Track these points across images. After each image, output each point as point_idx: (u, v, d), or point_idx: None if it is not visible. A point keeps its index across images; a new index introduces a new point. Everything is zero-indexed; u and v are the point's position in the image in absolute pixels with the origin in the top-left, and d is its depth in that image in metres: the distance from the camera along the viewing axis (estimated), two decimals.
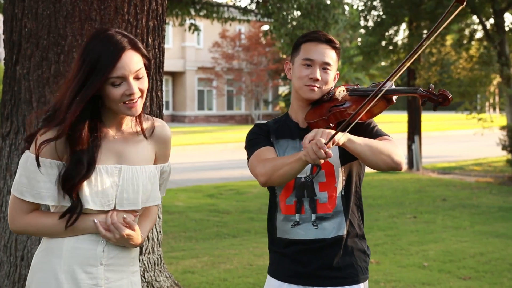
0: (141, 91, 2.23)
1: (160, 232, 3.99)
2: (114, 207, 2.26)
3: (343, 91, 2.59)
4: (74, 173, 2.18)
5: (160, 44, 3.83)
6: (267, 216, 2.71)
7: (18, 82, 3.75)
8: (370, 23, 15.23)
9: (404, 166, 15.96)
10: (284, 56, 35.68)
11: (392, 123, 33.26)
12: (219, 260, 6.74)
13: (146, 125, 2.37)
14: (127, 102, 2.20)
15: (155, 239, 3.92)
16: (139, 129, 2.35)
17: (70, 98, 2.16)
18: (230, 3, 13.12)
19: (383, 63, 18.73)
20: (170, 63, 39.08)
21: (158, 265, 3.92)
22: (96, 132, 2.24)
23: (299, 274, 2.57)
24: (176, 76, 40.50)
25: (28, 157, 2.24)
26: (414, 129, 16.37)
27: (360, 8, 15.21)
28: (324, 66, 2.59)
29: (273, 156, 2.54)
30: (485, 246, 7.37)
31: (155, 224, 3.94)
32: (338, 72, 2.72)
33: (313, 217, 2.55)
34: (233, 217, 9.29)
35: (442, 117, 40.13)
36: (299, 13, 12.35)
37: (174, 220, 9.13)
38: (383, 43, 15.04)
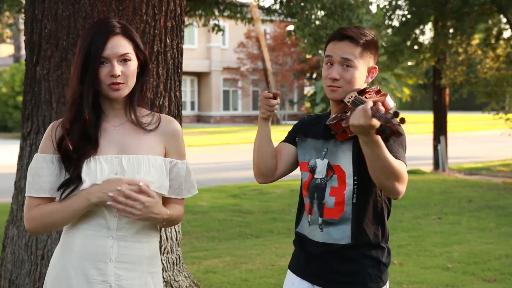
0: (125, 75, 2.28)
1: (179, 232, 3.99)
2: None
3: (352, 96, 2.44)
4: (79, 147, 2.25)
5: (179, 45, 3.84)
6: (297, 206, 2.73)
7: (38, 82, 3.79)
8: (395, 23, 15.11)
9: (430, 167, 15.78)
10: (309, 56, 35.65)
11: (418, 123, 32.99)
12: (241, 260, 6.74)
13: (149, 119, 2.40)
14: (111, 85, 2.27)
15: (174, 239, 3.93)
16: (144, 120, 2.37)
17: (76, 85, 2.27)
18: (254, 3, 13.12)
19: (409, 63, 18.54)
20: (195, 64, 39.24)
21: (177, 264, 3.92)
22: (99, 123, 2.31)
23: (309, 272, 2.59)
24: (201, 76, 40.63)
25: (34, 158, 2.34)
26: (440, 129, 16.20)
27: (384, 7, 15.08)
28: (344, 63, 2.48)
29: (281, 151, 2.68)
30: (511, 248, 7.26)
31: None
32: (375, 66, 2.60)
33: (320, 220, 2.54)
34: (256, 218, 9.29)
35: (469, 117, 39.69)
36: (323, 12, 12.31)
37: (197, 220, 9.15)
38: (408, 42, 14.89)
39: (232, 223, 8.94)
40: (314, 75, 39.90)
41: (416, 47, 15.20)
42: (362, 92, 2.50)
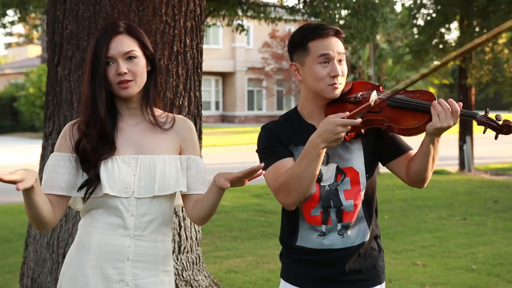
0: (132, 72, 2.29)
1: (198, 231, 4.00)
2: (133, 194, 2.30)
3: (376, 96, 2.34)
4: (96, 148, 2.27)
5: (199, 45, 3.84)
6: (282, 221, 2.61)
7: (60, 83, 3.83)
8: (420, 22, 14.98)
9: (456, 167, 15.60)
10: None
11: None
12: (263, 260, 6.74)
13: (163, 119, 2.42)
14: (119, 83, 2.28)
15: (194, 238, 3.94)
16: (160, 120, 2.39)
17: (87, 87, 2.30)
18: (278, 3, 13.11)
19: (436, 62, 18.36)
20: (220, 64, 39.31)
21: (196, 264, 3.93)
22: (115, 123, 2.34)
23: (318, 279, 2.49)
24: (226, 76, 40.70)
25: (50, 157, 2.37)
26: (465, 129, 16.03)
27: (409, 6, 14.96)
28: (340, 58, 2.42)
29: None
30: None
31: (194, 224, 3.96)
32: None
33: (339, 226, 2.46)
34: (279, 217, 9.23)
35: None
36: (346, 12, 12.25)
37: (220, 219, 9.17)
38: (433, 41, 14.74)
39: (255, 223, 8.94)
40: None
41: (441, 46, 15.04)
42: (350, 90, 2.49)
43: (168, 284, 2.42)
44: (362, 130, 2.38)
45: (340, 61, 2.43)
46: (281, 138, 2.48)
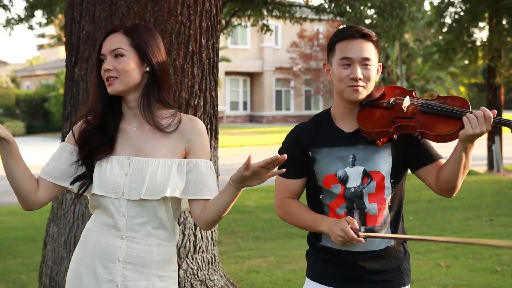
0: (116, 69, 2.27)
1: (214, 231, 4.00)
2: (122, 195, 2.29)
3: (408, 101, 2.42)
4: (95, 146, 2.30)
5: (214, 45, 3.85)
6: None
7: (77, 83, 3.87)
8: (448, 20, 14.80)
9: (484, 167, 15.40)
10: None
11: None
12: (285, 260, 6.72)
13: (169, 120, 2.34)
14: (106, 80, 2.29)
15: (209, 238, 3.94)
16: (163, 122, 2.33)
17: (91, 87, 2.39)
18: (303, 3, 13.07)
19: (466, 61, 18.12)
20: (248, 64, 39.37)
21: (212, 264, 3.94)
22: (117, 123, 2.34)
23: (342, 278, 2.51)
24: (254, 76, 40.73)
25: (60, 144, 2.43)
26: (494, 129, 15.79)
27: (437, 5, 14.81)
28: (364, 62, 2.41)
29: (296, 192, 2.56)
30: None
31: None
32: (380, 63, 2.55)
33: (362, 229, 2.45)
34: None
35: None
36: (372, 11, 12.17)
37: (244, 219, 9.18)
38: (461, 40, 14.55)
39: (278, 223, 8.92)
40: None
41: (469, 45, 14.86)
42: (383, 95, 2.50)
43: None
44: (394, 135, 2.41)
45: (365, 64, 2.42)
46: (302, 141, 2.53)
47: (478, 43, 15.03)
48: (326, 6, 12.18)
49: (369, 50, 2.42)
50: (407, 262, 2.56)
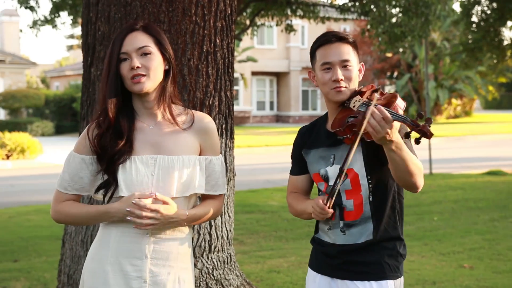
0: (146, 67, 2.30)
1: (230, 231, 4.01)
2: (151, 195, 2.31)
3: (358, 100, 2.53)
4: (113, 149, 2.30)
5: (229, 45, 3.85)
6: None
7: (93, 83, 3.91)
8: (474, 19, 14.61)
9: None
10: (390, 55, 35.01)
11: (498, 123, 31.86)
12: (306, 260, 6.64)
13: (183, 117, 2.41)
14: (132, 78, 2.29)
15: (225, 238, 3.95)
16: (179, 119, 2.39)
17: (103, 87, 2.34)
18: (327, 2, 13.03)
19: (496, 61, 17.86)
20: (274, 64, 39.36)
21: (227, 263, 3.94)
22: (132, 123, 2.35)
23: (329, 267, 2.67)
24: (280, 76, 40.70)
25: (71, 156, 2.39)
26: None
27: (463, 3, 14.63)
28: (344, 64, 2.55)
29: (300, 187, 2.75)
30: None
31: (225, 223, 3.97)
32: (362, 63, 2.69)
33: (341, 223, 2.62)
34: None
35: None
36: (397, 10, 12.08)
37: (267, 219, 9.17)
38: (488, 39, 14.35)
39: (301, 223, 8.88)
40: (395, 74, 39.22)
41: (496, 44, 14.64)
42: (360, 93, 2.57)
43: (187, 281, 2.43)
44: (348, 135, 2.50)
45: (345, 66, 2.55)
46: (299, 142, 2.76)
47: (505, 42, 14.80)
48: (350, 5, 12.12)
49: (347, 52, 2.56)
50: (395, 259, 2.63)
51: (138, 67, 2.28)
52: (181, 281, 2.40)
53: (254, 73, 39.08)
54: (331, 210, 2.49)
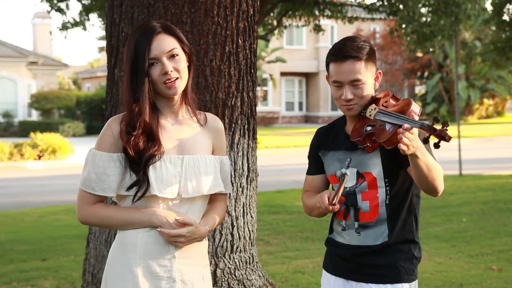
0: (177, 70, 2.33)
1: (253, 231, 4.01)
2: (179, 195, 2.36)
3: (374, 109, 2.55)
4: (144, 149, 2.30)
5: (252, 45, 3.86)
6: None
7: (116, 84, 3.95)
8: (505, 17, 14.38)
9: None
10: (420, 55, 34.68)
11: None
12: None
13: (199, 115, 2.48)
14: (166, 82, 2.31)
15: (247, 238, 3.95)
16: (195, 118, 2.45)
17: (128, 91, 2.34)
18: (355, 2, 12.95)
19: None
20: (303, 64, 39.28)
21: (250, 263, 3.94)
22: (157, 121, 2.36)
23: (344, 269, 2.68)
24: (309, 77, 40.61)
25: (95, 155, 2.36)
26: None
27: (493, 1, 14.41)
28: (354, 83, 2.56)
29: (316, 186, 2.76)
30: None
31: (248, 223, 3.98)
32: (380, 71, 2.70)
33: (356, 224, 2.64)
34: None
35: None
36: (426, 9, 11.95)
37: (293, 220, 9.16)
38: None
39: (327, 224, 8.84)
40: (426, 74, 38.86)
41: None
42: (375, 100, 2.60)
43: (208, 278, 2.51)
44: (368, 143, 2.54)
45: (355, 85, 2.56)
46: (317, 143, 2.79)
47: None
48: (379, 5, 12.03)
49: (358, 70, 2.55)
50: (410, 262, 2.64)
51: (171, 71, 2.31)
52: (204, 278, 2.47)
53: (283, 74, 39.05)
54: (336, 206, 2.49)
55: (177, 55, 2.33)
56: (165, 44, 2.32)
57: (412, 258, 2.65)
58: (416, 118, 2.41)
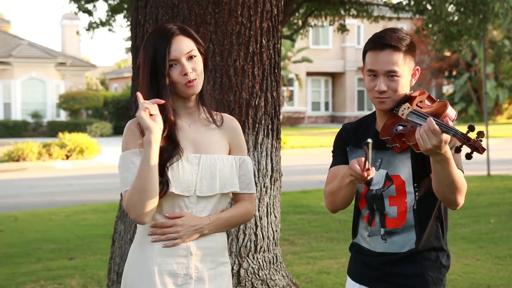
0: (196, 70, 2.38)
1: (276, 231, 4.01)
2: (194, 193, 2.38)
3: (407, 108, 2.41)
4: (166, 150, 2.33)
5: (276, 45, 3.86)
6: (353, 216, 2.69)
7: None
8: None
9: None
10: (448, 54, 34.31)
11: None
12: None
13: (215, 116, 2.50)
14: (186, 83, 2.35)
15: (271, 238, 3.95)
16: (211, 119, 2.47)
17: (149, 91, 2.35)
18: (381, 1, 12.88)
19: None
20: (330, 64, 39.17)
21: (273, 263, 3.94)
22: (175, 122, 2.39)
23: (370, 277, 2.57)
24: (336, 77, 40.48)
25: (128, 156, 2.38)
26: None
27: None
28: (390, 74, 2.42)
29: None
30: None
31: (271, 224, 3.98)
32: (417, 67, 2.55)
33: (382, 231, 2.51)
34: None
35: None
36: (453, 8, 11.84)
37: (318, 220, 9.14)
38: None
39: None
40: (454, 73, 38.47)
41: None
42: (410, 99, 2.47)
43: (228, 275, 2.52)
44: (397, 144, 2.41)
45: (391, 76, 2.43)
46: (346, 139, 2.62)
47: None
48: (405, 4, 11.94)
49: (395, 61, 2.41)
50: (438, 271, 2.52)
51: (191, 72, 2.36)
52: (222, 275, 2.48)
53: (309, 74, 38.98)
54: (371, 171, 2.24)
55: (195, 56, 2.38)
56: (184, 45, 2.37)
57: (440, 267, 2.53)
58: (451, 123, 2.24)
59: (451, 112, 2.33)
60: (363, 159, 2.25)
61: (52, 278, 6.23)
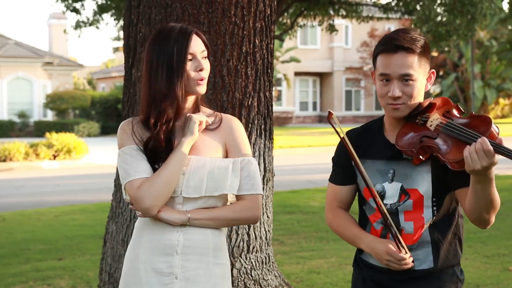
0: (207, 70, 2.41)
1: (269, 231, 4.01)
2: (181, 193, 2.37)
3: (437, 119, 2.25)
4: (162, 149, 2.35)
5: (269, 45, 3.86)
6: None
7: (133, 84, 3.96)
8: None
9: None
10: (435, 54, 34.44)
11: None
12: (347, 261, 6.66)
13: (212, 118, 2.47)
14: (198, 80, 2.37)
15: (263, 238, 3.95)
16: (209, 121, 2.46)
17: (162, 88, 2.35)
18: (370, 2, 12.92)
19: None
20: (317, 64, 39.24)
21: (266, 263, 3.94)
22: (170, 122, 2.39)
23: None
24: (323, 77, 40.56)
25: (125, 151, 2.40)
26: None
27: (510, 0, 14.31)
28: (404, 78, 2.26)
29: (343, 199, 2.50)
30: None
31: (264, 223, 3.98)
32: (433, 71, 2.38)
33: None
34: None
35: None
36: (442, 8, 11.91)
37: (308, 220, 9.15)
38: None
39: None
40: (441, 73, 38.68)
41: None
42: (431, 106, 2.33)
43: (221, 276, 2.44)
44: (421, 157, 2.27)
45: (405, 80, 2.27)
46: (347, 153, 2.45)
47: None
48: (394, 4, 12.00)
49: (410, 64, 2.25)
50: (455, 286, 2.41)
51: (203, 69, 2.39)
52: (215, 276, 2.41)
53: (297, 74, 39.03)
54: (410, 258, 2.24)
55: (206, 56, 2.42)
56: (200, 44, 2.40)
57: (457, 282, 2.41)
58: (504, 143, 2.08)
59: (496, 129, 2.17)
60: (393, 242, 2.27)
61: (41, 278, 6.19)
